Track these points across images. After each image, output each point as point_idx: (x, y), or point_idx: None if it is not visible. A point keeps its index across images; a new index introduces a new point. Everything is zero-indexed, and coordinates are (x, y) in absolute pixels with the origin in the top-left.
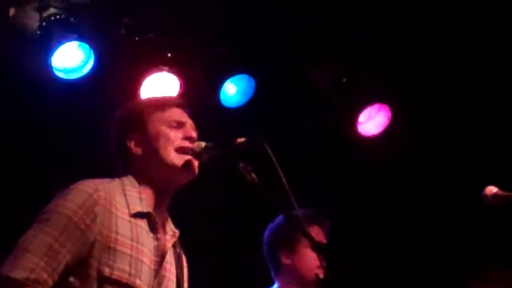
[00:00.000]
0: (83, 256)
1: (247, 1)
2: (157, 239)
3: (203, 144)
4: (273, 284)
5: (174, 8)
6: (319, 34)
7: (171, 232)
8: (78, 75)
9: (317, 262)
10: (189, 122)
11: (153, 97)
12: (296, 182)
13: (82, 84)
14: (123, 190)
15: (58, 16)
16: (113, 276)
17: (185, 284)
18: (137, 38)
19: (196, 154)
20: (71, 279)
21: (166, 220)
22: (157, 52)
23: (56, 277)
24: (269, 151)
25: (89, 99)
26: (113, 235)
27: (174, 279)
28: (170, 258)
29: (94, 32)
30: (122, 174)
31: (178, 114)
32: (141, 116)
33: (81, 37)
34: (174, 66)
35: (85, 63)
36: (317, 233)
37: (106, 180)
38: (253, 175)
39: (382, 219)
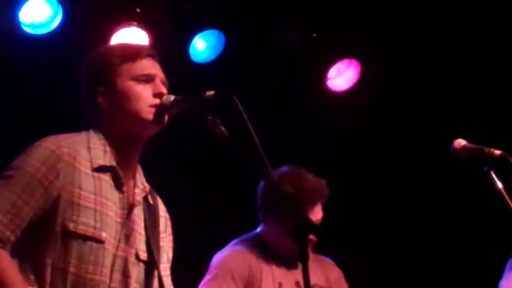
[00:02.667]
0: (46, 212)
1: None
2: (122, 192)
3: (172, 97)
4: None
5: None
6: None
7: (141, 186)
8: (46, 30)
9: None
10: (159, 76)
11: (124, 45)
12: (264, 139)
13: (50, 39)
14: (88, 143)
15: None
16: (77, 231)
17: (162, 236)
18: None
19: (165, 107)
20: (35, 236)
21: (136, 173)
22: (126, 6)
23: (19, 233)
24: (238, 103)
25: (58, 54)
26: (76, 190)
27: (142, 232)
28: (139, 212)
29: None
30: (92, 123)
31: (149, 66)
32: (110, 67)
33: None
34: (143, 21)
35: (53, 18)
36: (317, 210)
37: (72, 135)
38: (223, 128)
39: (351, 174)
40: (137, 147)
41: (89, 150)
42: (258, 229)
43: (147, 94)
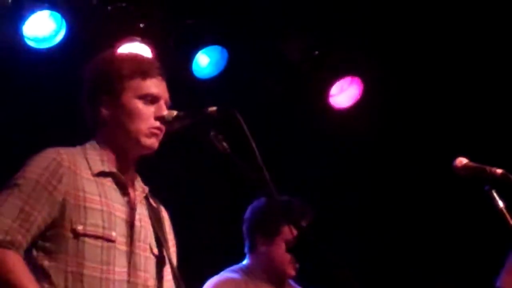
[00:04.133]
0: (54, 218)
1: None
2: (125, 194)
3: (174, 112)
4: (244, 258)
5: None
6: (292, 7)
7: (140, 189)
8: (49, 44)
9: (289, 258)
10: (164, 97)
11: (135, 57)
12: (266, 155)
13: (54, 54)
14: (85, 154)
15: None
16: (87, 232)
17: (169, 236)
18: (109, 8)
19: (167, 123)
20: (47, 244)
21: (135, 178)
22: (129, 22)
23: (29, 239)
24: (241, 120)
25: (61, 68)
26: (81, 193)
27: (151, 229)
28: (142, 211)
29: (66, 1)
30: (90, 128)
31: (156, 86)
32: (118, 79)
33: (52, 6)
34: (146, 36)
35: (57, 32)
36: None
37: (69, 147)
38: (225, 144)
39: (353, 192)
40: (132, 159)
41: (87, 160)
42: (245, 261)
43: (149, 115)
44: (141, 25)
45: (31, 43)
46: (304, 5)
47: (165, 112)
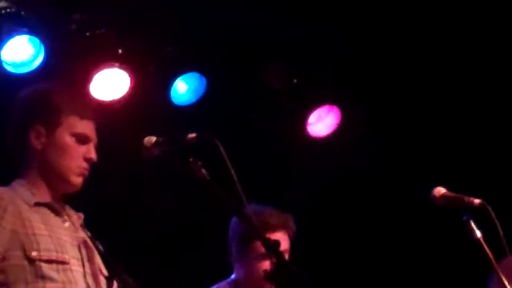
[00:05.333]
0: (6, 248)
1: (200, 1)
2: (65, 220)
3: (153, 138)
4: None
5: (126, 4)
6: (270, 35)
7: (75, 216)
8: (27, 69)
9: (262, 273)
10: (94, 141)
11: (74, 94)
12: (245, 182)
13: (32, 79)
14: (16, 192)
15: (8, 10)
16: (42, 257)
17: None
18: (88, 34)
19: (146, 149)
20: (2, 276)
21: (66, 207)
22: (108, 48)
23: None
24: (220, 146)
25: None
26: (27, 222)
27: (96, 251)
28: (84, 234)
29: (45, 26)
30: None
31: (90, 128)
32: (57, 112)
33: (31, 31)
34: (125, 62)
35: (35, 57)
36: (281, 238)
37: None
38: (204, 171)
39: (331, 220)
40: (59, 193)
41: (19, 195)
42: (233, 276)
43: (80, 154)
44: (120, 51)
45: (9, 68)
46: (283, 33)
47: (94, 155)
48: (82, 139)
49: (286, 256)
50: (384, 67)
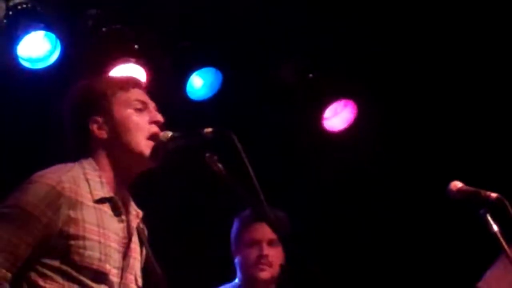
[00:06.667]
0: (51, 248)
1: None
2: (122, 221)
3: (169, 133)
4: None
5: None
6: (286, 29)
7: (134, 212)
8: (44, 65)
9: (253, 260)
10: (152, 104)
11: (114, 77)
12: (260, 176)
13: (48, 74)
14: (85, 174)
15: (24, 5)
16: (83, 263)
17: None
18: (104, 29)
19: (162, 143)
20: (44, 271)
21: (128, 200)
22: (123, 43)
23: (15, 271)
24: (236, 141)
25: (55, 89)
26: (81, 223)
27: (139, 257)
28: (135, 238)
29: (61, 22)
30: (80, 156)
31: (139, 94)
32: (104, 96)
33: (47, 27)
34: (141, 58)
35: (51, 53)
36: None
37: (67, 168)
38: (220, 166)
39: (347, 215)
40: (130, 178)
41: (87, 181)
42: (236, 279)
43: (144, 123)
44: (136, 47)
45: (26, 64)
46: (299, 28)
47: (159, 116)
48: (138, 107)
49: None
50: (400, 61)
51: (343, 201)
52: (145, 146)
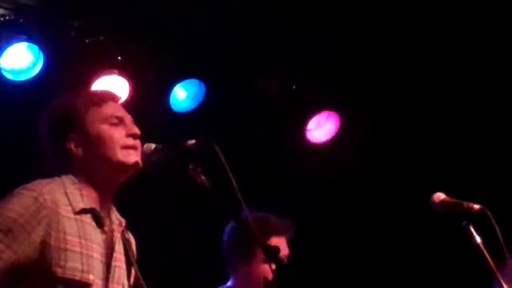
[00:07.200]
0: (31, 259)
1: (199, 7)
2: (104, 232)
3: (153, 145)
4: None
5: (125, 11)
6: (269, 41)
7: (117, 222)
8: (26, 76)
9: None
10: (128, 117)
11: (86, 92)
12: (244, 189)
13: (31, 86)
14: (64, 188)
15: (7, 17)
16: (66, 276)
17: (135, 266)
18: (87, 41)
19: (145, 155)
20: (24, 285)
21: (111, 210)
22: (107, 55)
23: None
24: (219, 152)
25: (38, 101)
26: (61, 235)
27: (124, 266)
28: (119, 247)
29: (44, 33)
30: (60, 172)
31: (116, 109)
32: (77, 114)
33: (30, 38)
34: (124, 69)
35: (34, 64)
36: (279, 242)
37: (48, 181)
38: (203, 177)
39: (330, 226)
40: (112, 189)
41: (66, 195)
42: (229, 283)
43: (120, 135)
44: (119, 58)
45: (8, 75)
46: (282, 39)
47: (135, 129)
48: (113, 121)
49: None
50: (383, 74)
51: (326, 212)
52: (122, 156)
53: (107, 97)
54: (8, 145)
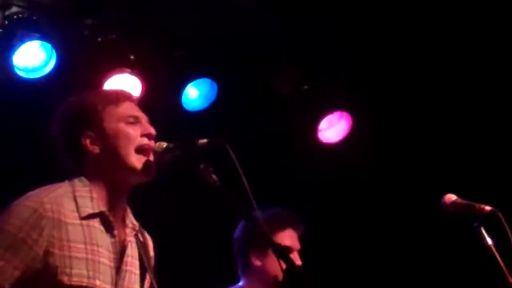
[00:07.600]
0: (35, 270)
1: (212, 6)
2: (113, 236)
3: (164, 144)
4: (238, 281)
5: (138, 9)
6: (281, 40)
7: (130, 225)
8: (39, 74)
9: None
10: (144, 117)
11: (104, 91)
12: (255, 188)
13: (43, 84)
14: (73, 192)
15: (20, 15)
16: (72, 283)
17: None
18: (99, 39)
19: (157, 154)
20: None
21: (125, 213)
22: (119, 53)
23: None
24: (231, 152)
25: (50, 99)
26: (65, 243)
27: (137, 271)
28: (131, 251)
29: (57, 31)
30: (74, 170)
31: (132, 109)
32: (95, 112)
33: (43, 37)
34: (136, 68)
35: (47, 62)
36: (290, 236)
37: (52, 188)
38: (215, 177)
39: (341, 226)
40: (125, 191)
41: (75, 199)
42: (240, 283)
43: (136, 135)
44: (131, 57)
45: (21, 73)
46: (294, 39)
47: (152, 129)
48: (130, 120)
49: (297, 256)
50: (396, 74)
51: (338, 212)
52: (136, 161)
53: (124, 96)
54: (20, 143)
